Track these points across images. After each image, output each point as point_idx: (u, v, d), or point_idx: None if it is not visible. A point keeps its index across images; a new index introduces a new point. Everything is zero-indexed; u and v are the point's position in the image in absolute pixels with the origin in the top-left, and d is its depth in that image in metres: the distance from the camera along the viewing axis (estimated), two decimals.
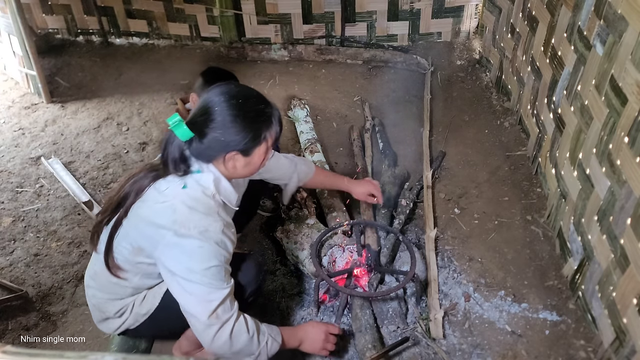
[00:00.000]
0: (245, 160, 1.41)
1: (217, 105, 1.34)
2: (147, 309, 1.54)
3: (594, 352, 1.74)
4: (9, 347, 0.54)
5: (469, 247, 2.16)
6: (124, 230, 1.40)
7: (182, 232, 1.31)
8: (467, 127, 2.88)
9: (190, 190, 1.36)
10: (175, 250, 1.33)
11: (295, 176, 1.95)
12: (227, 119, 1.34)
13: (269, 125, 1.41)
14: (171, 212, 1.33)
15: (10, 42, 3.27)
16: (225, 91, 1.37)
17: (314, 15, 3.58)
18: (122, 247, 1.42)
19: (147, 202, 1.37)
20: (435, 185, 2.49)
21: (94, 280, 1.55)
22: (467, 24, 3.60)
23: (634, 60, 1.53)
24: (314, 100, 3.21)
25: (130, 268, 1.45)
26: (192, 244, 1.31)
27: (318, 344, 1.61)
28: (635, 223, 1.51)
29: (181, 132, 1.33)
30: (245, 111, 1.36)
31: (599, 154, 1.75)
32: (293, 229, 2.13)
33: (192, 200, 1.35)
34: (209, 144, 1.35)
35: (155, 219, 1.34)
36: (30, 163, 2.81)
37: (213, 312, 1.34)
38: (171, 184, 1.37)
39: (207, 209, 1.36)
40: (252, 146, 1.39)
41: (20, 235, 2.36)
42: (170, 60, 3.72)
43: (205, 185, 1.38)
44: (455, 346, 1.80)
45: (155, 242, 1.35)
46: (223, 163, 1.40)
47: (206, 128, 1.34)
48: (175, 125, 1.33)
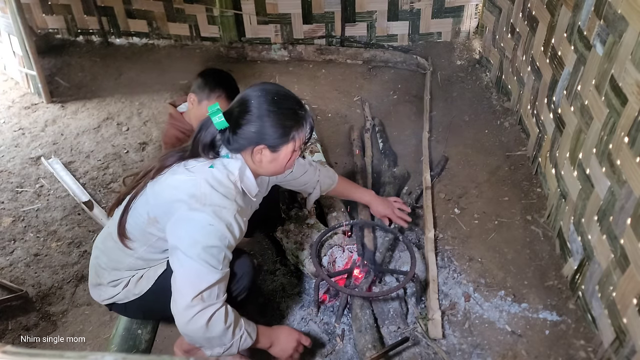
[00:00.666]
0: (272, 156, 1.46)
1: (254, 99, 1.41)
2: (139, 290, 1.57)
3: (594, 352, 1.74)
4: (9, 347, 0.54)
5: (469, 247, 2.16)
6: (145, 198, 1.46)
7: (196, 206, 1.35)
8: (467, 127, 2.88)
9: (216, 171, 1.42)
10: (185, 223, 1.36)
11: (318, 186, 2.00)
12: (263, 113, 1.40)
13: (300, 127, 1.46)
14: (192, 186, 1.38)
15: (10, 42, 3.27)
16: (265, 88, 1.44)
17: (314, 15, 3.58)
18: (139, 214, 1.46)
19: (172, 175, 1.43)
20: (435, 186, 2.49)
21: (103, 243, 1.60)
22: (467, 24, 3.61)
23: (634, 60, 1.53)
24: (314, 100, 3.21)
25: (140, 237, 1.49)
26: (202, 219, 1.34)
27: (288, 351, 1.60)
28: (635, 223, 1.51)
29: (218, 121, 1.41)
30: (280, 108, 1.42)
31: (599, 154, 1.75)
32: (293, 229, 2.13)
33: (215, 181, 1.40)
34: (240, 134, 1.42)
35: (175, 191, 1.39)
36: (30, 163, 2.81)
37: (199, 293, 1.34)
38: (199, 162, 1.44)
39: (227, 192, 1.41)
40: (280, 143, 1.44)
41: (20, 235, 2.36)
42: (170, 60, 3.72)
43: (230, 170, 1.44)
44: (455, 346, 1.80)
45: (169, 214, 1.39)
46: (251, 155, 1.46)
47: (241, 120, 1.41)
48: (213, 112, 1.42)
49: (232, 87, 2.02)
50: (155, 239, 1.48)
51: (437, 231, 2.23)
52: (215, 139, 1.46)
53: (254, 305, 1.97)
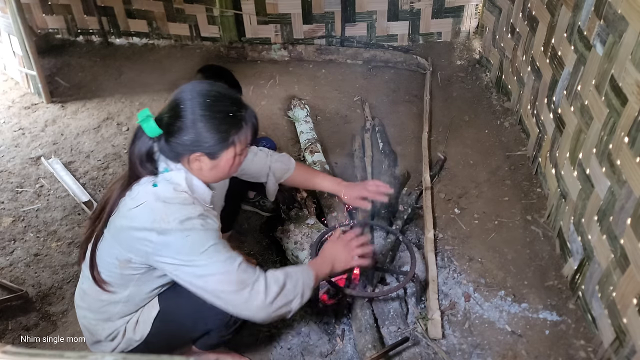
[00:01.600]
0: (212, 163, 1.36)
1: (186, 103, 1.30)
2: (140, 335, 1.51)
3: (594, 352, 1.74)
4: (9, 347, 0.54)
5: (469, 247, 2.16)
6: (107, 245, 1.37)
7: (163, 227, 1.27)
8: (467, 127, 2.88)
9: (161, 188, 1.32)
10: (166, 250, 1.29)
11: (271, 174, 1.87)
12: (196, 117, 1.29)
13: (239, 130, 1.34)
14: (148, 212, 1.29)
15: (10, 42, 3.27)
16: (197, 89, 1.33)
17: (314, 15, 3.58)
18: (108, 262, 1.39)
19: (121, 211, 1.34)
20: (435, 186, 2.49)
21: (84, 301, 1.53)
22: (467, 24, 3.60)
23: (634, 60, 1.53)
24: (314, 100, 3.21)
25: (120, 281, 1.42)
26: (177, 237, 1.28)
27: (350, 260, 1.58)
28: (635, 223, 1.51)
29: (149, 128, 1.30)
30: (215, 111, 1.31)
31: (599, 154, 1.75)
32: (293, 229, 2.13)
33: (165, 197, 1.31)
34: (175, 142, 1.31)
35: (134, 224, 1.30)
36: (30, 163, 2.81)
37: (237, 281, 1.30)
38: (141, 186, 1.33)
39: (183, 200, 1.32)
40: (219, 149, 1.34)
41: (20, 235, 2.36)
42: (170, 60, 3.72)
43: (176, 182, 1.34)
44: (455, 346, 1.80)
45: (142, 251, 1.32)
46: (188, 163, 1.35)
47: (173, 126, 1.30)
48: (143, 120, 1.30)
49: (232, 82, 2.02)
50: (136, 278, 1.41)
51: (437, 231, 2.23)
52: (151, 150, 1.34)
53: None
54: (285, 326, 1.90)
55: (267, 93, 3.30)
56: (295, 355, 1.80)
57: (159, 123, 1.31)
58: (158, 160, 1.37)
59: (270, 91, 3.32)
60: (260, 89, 3.34)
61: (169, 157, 1.35)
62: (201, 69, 2.06)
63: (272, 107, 3.17)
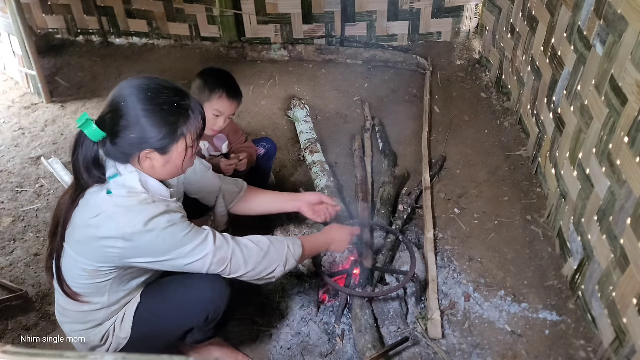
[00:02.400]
0: (164, 159, 1.31)
1: (126, 100, 1.25)
2: (125, 333, 1.50)
3: (594, 352, 1.74)
4: (9, 347, 0.54)
5: (469, 247, 2.16)
6: (71, 259, 1.34)
7: (129, 233, 1.24)
8: (467, 127, 2.88)
9: (116, 194, 1.28)
10: (139, 252, 1.29)
11: (220, 196, 1.77)
12: (139, 113, 1.24)
13: (187, 120, 1.29)
14: (109, 220, 1.25)
15: (10, 42, 3.27)
16: (136, 84, 1.28)
17: (314, 15, 3.58)
18: (76, 276, 1.36)
19: (77, 224, 1.30)
20: (435, 186, 2.49)
21: (66, 316, 1.49)
22: (467, 24, 3.60)
23: (634, 60, 1.53)
24: (314, 100, 3.21)
25: (94, 291, 1.40)
26: (146, 239, 1.26)
27: (345, 244, 1.73)
28: (635, 223, 1.51)
29: (91, 132, 1.23)
30: (158, 104, 1.26)
31: (599, 154, 1.75)
32: (293, 229, 2.13)
33: (123, 200, 1.27)
34: (121, 142, 1.26)
35: (97, 234, 1.26)
36: (30, 163, 2.81)
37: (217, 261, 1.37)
38: (94, 196, 1.28)
39: (142, 201, 1.28)
40: (169, 143, 1.29)
41: (20, 235, 2.36)
42: (170, 60, 3.72)
43: (130, 186, 1.29)
44: (455, 346, 1.80)
45: (112, 257, 1.29)
46: (139, 163, 1.30)
47: (117, 126, 1.25)
48: (83, 124, 1.23)
49: (232, 86, 2.01)
50: (109, 283, 1.39)
51: (437, 231, 2.23)
52: (97, 155, 1.28)
53: (253, 305, 1.97)
54: (285, 326, 1.90)
55: (267, 93, 3.30)
56: (295, 355, 1.80)
57: (101, 125, 1.25)
58: (106, 165, 1.31)
59: (270, 91, 3.32)
60: (260, 89, 3.34)
61: (117, 159, 1.30)
62: (200, 74, 2.04)
63: (272, 107, 3.17)
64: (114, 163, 1.31)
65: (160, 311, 1.48)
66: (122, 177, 1.30)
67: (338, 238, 1.70)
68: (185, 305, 1.47)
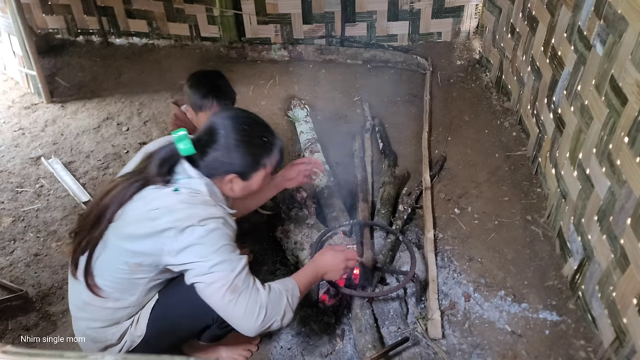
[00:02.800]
0: (244, 184, 1.47)
1: (223, 128, 1.40)
2: (141, 330, 1.51)
3: (594, 352, 1.74)
4: (9, 347, 0.54)
5: (469, 247, 2.16)
6: (114, 250, 1.38)
7: (184, 225, 1.30)
8: (467, 127, 2.88)
9: (183, 192, 1.37)
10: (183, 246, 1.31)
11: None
12: (231, 142, 1.40)
13: (270, 154, 1.47)
14: (168, 214, 1.32)
15: (10, 42, 3.27)
16: (233, 115, 1.44)
17: (314, 15, 3.58)
18: (115, 270, 1.39)
19: (133, 216, 1.35)
20: (435, 186, 2.49)
21: (85, 311, 1.49)
22: (467, 24, 3.60)
23: (634, 60, 1.53)
24: (314, 100, 3.21)
25: (127, 287, 1.42)
26: (197, 234, 1.30)
27: (340, 271, 1.60)
28: (635, 223, 1.51)
29: (184, 147, 1.38)
30: (250, 137, 1.42)
31: (599, 154, 1.75)
32: (293, 229, 2.13)
33: (188, 199, 1.35)
34: (209, 162, 1.40)
35: (153, 225, 1.32)
36: (30, 163, 2.81)
37: (231, 285, 1.32)
38: (157, 192, 1.36)
39: (205, 202, 1.38)
40: (251, 171, 1.45)
41: (20, 235, 2.36)
42: (170, 60, 3.72)
43: (196, 189, 1.39)
44: (455, 346, 1.80)
45: (158, 250, 1.33)
46: (222, 183, 1.45)
47: (209, 148, 1.40)
48: (179, 138, 1.38)
49: (221, 89, 1.98)
50: (145, 282, 1.43)
51: (437, 231, 2.23)
52: (176, 162, 1.41)
53: None
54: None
55: (267, 93, 3.30)
56: (295, 355, 1.81)
57: (196, 144, 1.39)
58: (176, 171, 1.41)
59: (270, 91, 3.32)
60: (260, 89, 3.34)
61: (201, 172, 1.41)
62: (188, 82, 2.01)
63: (272, 107, 3.17)
64: (188, 167, 1.40)
65: (177, 308, 1.49)
66: (189, 180, 1.40)
67: (330, 266, 1.58)
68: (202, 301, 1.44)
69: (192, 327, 1.57)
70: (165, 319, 1.50)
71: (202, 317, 1.52)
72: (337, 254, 1.60)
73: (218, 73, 2.07)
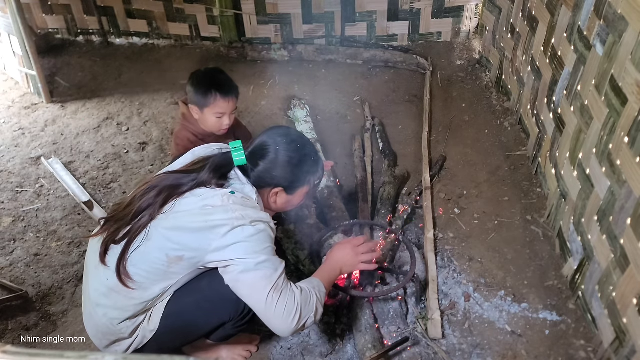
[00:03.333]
0: (288, 197, 1.57)
1: (278, 145, 1.51)
2: (154, 325, 1.51)
3: (594, 352, 1.74)
4: (9, 347, 0.54)
5: (469, 247, 2.16)
6: (157, 241, 1.40)
7: (237, 224, 1.37)
8: (467, 127, 2.88)
9: (238, 194, 1.46)
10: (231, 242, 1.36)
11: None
12: (283, 159, 1.50)
13: (316, 172, 1.58)
14: (223, 212, 1.39)
15: (10, 42, 3.27)
16: (287, 134, 1.56)
17: (314, 15, 3.58)
18: (153, 260, 1.41)
19: (185, 210, 1.42)
20: (435, 186, 2.49)
21: (109, 298, 1.47)
22: (467, 24, 3.60)
23: (634, 60, 1.53)
24: (314, 100, 3.21)
25: (159, 278, 1.43)
26: (247, 233, 1.37)
27: (355, 264, 1.64)
28: (635, 223, 1.51)
29: (238, 157, 1.50)
30: (300, 155, 1.53)
31: (599, 154, 1.75)
32: (293, 229, 2.13)
33: (243, 200, 1.45)
34: (259, 174, 1.51)
35: (206, 220, 1.38)
36: (30, 163, 2.81)
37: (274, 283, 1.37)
38: (212, 192, 1.44)
39: (255, 207, 1.47)
40: (297, 186, 1.56)
41: (20, 235, 2.36)
42: (170, 60, 3.72)
43: (248, 195, 1.49)
44: (455, 346, 1.80)
45: (205, 246, 1.37)
46: (267, 195, 1.55)
47: (261, 160, 1.51)
48: (235, 149, 1.50)
49: (224, 85, 1.99)
50: (179, 276, 1.44)
51: (437, 231, 2.23)
52: (228, 169, 1.52)
53: None
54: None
55: (267, 93, 3.30)
56: (295, 355, 1.81)
57: (249, 156, 1.51)
58: (229, 177, 1.51)
59: (270, 91, 3.32)
60: (260, 89, 3.34)
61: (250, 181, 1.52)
62: (190, 81, 2.02)
63: (272, 107, 3.17)
64: (241, 175, 1.51)
65: (193, 305, 1.50)
66: (243, 186, 1.50)
67: (345, 261, 1.63)
68: (221, 299, 1.48)
69: (206, 325, 1.57)
70: (180, 316, 1.50)
71: (218, 315, 1.53)
72: (346, 248, 1.64)
73: (218, 69, 2.09)
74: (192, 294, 1.50)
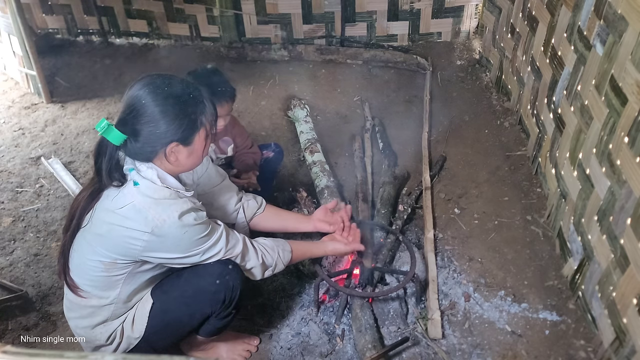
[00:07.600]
0: (187, 150, 1.38)
1: (143, 99, 1.30)
2: (139, 333, 1.52)
3: (594, 352, 1.74)
4: (9, 347, 0.54)
5: (469, 247, 2.16)
6: (88, 250, 1.39)
7: (159, 226, 1.32)
8: (467, 127, 2.88)
9: (142, 185, 1.34)
10: (162, 246, 1.35)
11: (241, 210, 1.80)
12: (158, 109, 1.30)
13: (203, 108, 1.37)
14: (138, 213, 1.31)
15: (10, 42, 3.27)
16: (148, 82, 1.34)
17: (314, 15, 3.58)
18: (90, 268, 1.40)
19: (101, 217, 1.36)
20: (435, 186, 2.49)
21: (73, 311, 1.53)
22: (467, 24, 3.60)
23: (634, 60, 1.53)
24: (314, 100, 3.21)
25: (107, 285, 1.44)
26: (175, 234, 1.34)
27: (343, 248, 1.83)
28: (635, 223, 1.51)
29: (113, 136, 1.29)
30: (174, 97, 1.32)
31: (599, 154, 1.75)
32: None
33: (151, 192, 1.34)
34: (145, 140, 1.32)
35: (125, 225, 1.32)
36: (30, 163, 2.81)
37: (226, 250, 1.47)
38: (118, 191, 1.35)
39: (169, 195, 1.36)
40: (191, 133, 1.36)
41: (20, 235, 2.36)
42: (170, 60, 3.72)
43: (150, 178, 1.36)
44: (455, 346, 1.80)
45: (133, 249, 1.35)
46: (165, 158, 1.36)
47: (138, 125, 1.30)
48: (104, 130, 1.28)
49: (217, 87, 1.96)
50: (123, 278, 1.44)
51: (437, 231, 2.23)
52: (119, 159, 1.36)
53: (253, 305, 1.97)
54: (285, 326, 1.90)
55: (267, 93, 3.30)
56: (295, 355, 1.81)
57: (122, 128, 1.30)
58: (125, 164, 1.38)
59: (270, 91, 3.32)
60: (260, 89, 3.34)
61: (140, 158, 1.36)
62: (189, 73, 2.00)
63: (272, 107, 3.17)
64: (132, 160, 1.37)
65: (175, 305, 1.50)
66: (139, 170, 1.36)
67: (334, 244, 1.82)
68: (200, 293, 1.48)
69: (191, 319, 1.57)
70: (164, 318, 1.51)
71: (200, 309, 1.53)
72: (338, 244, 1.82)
73: (214, 69, 2.03)
74: (172, 291, 1.51)
